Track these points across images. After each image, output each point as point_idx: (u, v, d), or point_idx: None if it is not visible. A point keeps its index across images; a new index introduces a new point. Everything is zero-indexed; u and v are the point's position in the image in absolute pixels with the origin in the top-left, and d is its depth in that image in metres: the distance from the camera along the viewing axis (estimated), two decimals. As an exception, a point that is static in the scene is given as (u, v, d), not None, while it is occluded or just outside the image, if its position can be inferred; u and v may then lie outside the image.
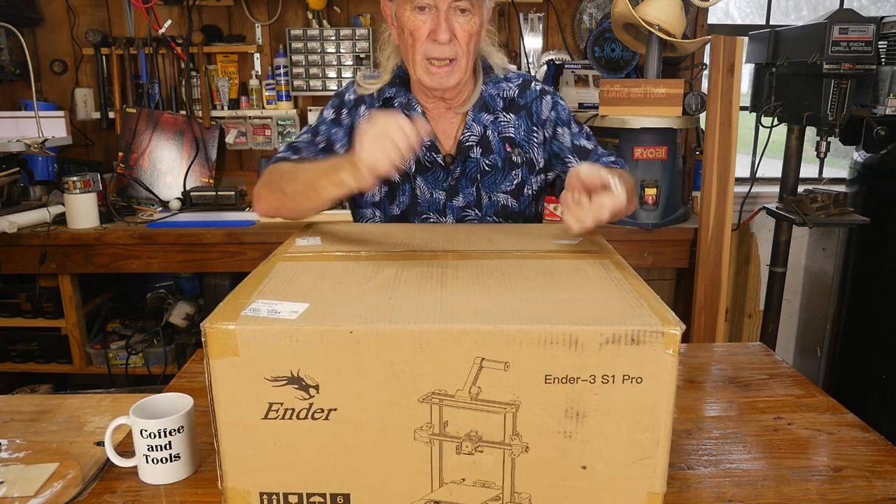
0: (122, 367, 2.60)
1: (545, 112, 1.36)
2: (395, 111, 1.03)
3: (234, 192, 2.74)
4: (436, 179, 1.35)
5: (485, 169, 1.34)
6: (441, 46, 1.20)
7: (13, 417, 1.15)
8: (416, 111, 1.33)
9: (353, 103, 1.36)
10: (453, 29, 1.20)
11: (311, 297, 0.79)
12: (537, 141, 1.36)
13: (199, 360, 1.36)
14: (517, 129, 1.36)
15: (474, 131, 1.33)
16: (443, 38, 1.19)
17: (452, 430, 0.74)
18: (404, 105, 1.34)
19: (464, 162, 1.33)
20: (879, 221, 2.47)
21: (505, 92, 1.36)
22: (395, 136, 0.97)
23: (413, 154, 1.31)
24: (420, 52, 1.22)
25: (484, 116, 1.34)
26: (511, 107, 1.36)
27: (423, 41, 1.21)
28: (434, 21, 1.19)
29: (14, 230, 2.35)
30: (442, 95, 1.31)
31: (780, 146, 2.64)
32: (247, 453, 0.75)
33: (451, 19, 1.19)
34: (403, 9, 1.21)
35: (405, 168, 1.33)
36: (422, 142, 1.04)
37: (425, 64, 1.23)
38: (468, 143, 1.33)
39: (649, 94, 2.39)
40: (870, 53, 2.19)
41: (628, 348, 0.71)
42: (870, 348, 2.63)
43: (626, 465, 0.75)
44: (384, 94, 1.35)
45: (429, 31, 1.20)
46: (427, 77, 1.24)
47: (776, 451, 1.04)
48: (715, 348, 1.48)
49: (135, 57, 2.87)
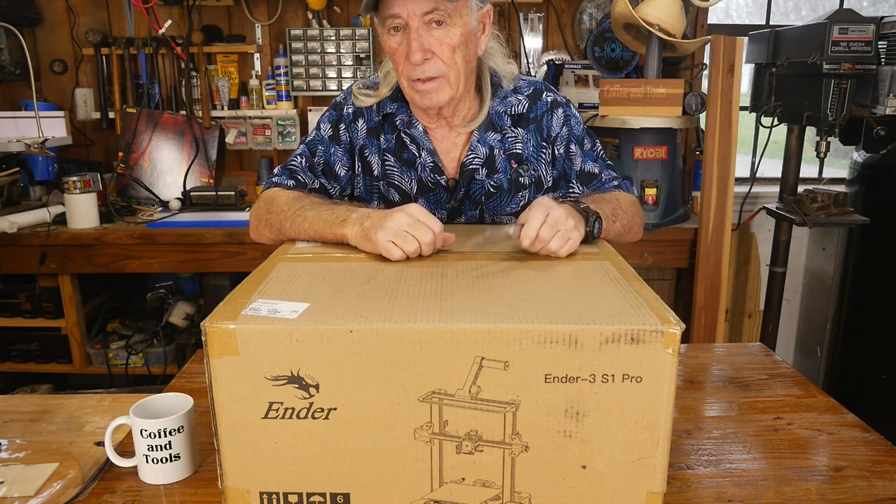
0: (122, 367, 2.60)
1: (556, 127, 1.29)
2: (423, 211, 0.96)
3: (234, 192, 2.74)
4: (438, 200, 1.28)
5: (490, 190, 1.27)
6: (419, 67, 1.13)
7: (13, 417, 1.15)
8: (418, 129, 1.26)
9: (352, 117, 1.29)
10: (429, 45, 1.11)
11: (312, 296, 0.79)
12: (546, 158, 1.29)
13: (199, 360, 1.36)
14: (525, 144, 1.28)
15: (479, 153, 1.26)
16: (415, 59, 1.11)
17: (452, 429, 0.74)
18: (405, 123, 1.26)
19: (468, 184, 1.27)
20: (879, 221, 2.47)
21: (513, 108, 1.27)
22: (420, 237, 0.94)
23: (415, 174, 1.28)
24: (404, 74, 1.16)
25: (490, 136, 1.26)
26: (520, 121, 1.28)
27: (404, 63, 1.14)
28: (407, 41, 1.11)
29: (14, 230, 2.35)
30: (439, 113, 1.24)
31: (780, 146, 2.64)
32: (247, 453, 0.75)
33: (425, 35, 1.11)
34: (382, 31, 1.15)
35: (407, 189, 1.29)
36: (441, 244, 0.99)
37: (411, 84, 1.16)
38: (472, 167, 1.26)
39: (649, 94, 2.39)
40: (870, 53, 2.19)
41: (628, 348, 0.71)
42: (870, 348, 2.63)
43: (625, 464, 0.75)
44: (385, 109, 1.27)
45: (406, 52, 1.12)
46: (416, 96, 1.18)
47: (776, 451, 1.04)
48: (715, 348, 1.48)
49: (135, 57, 2.87)
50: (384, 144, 1.28)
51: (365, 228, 0.98)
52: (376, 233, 0.95)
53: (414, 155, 1.27)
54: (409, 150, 1.27)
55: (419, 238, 0.94)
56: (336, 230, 1.03)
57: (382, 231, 0.94)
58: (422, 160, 1.26)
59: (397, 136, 1.28)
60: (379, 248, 0.94)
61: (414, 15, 1.09)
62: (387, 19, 1.12)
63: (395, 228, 0.94)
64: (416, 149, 1.26)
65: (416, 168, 1.27)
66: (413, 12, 1.09)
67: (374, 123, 1.28)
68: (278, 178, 1.28)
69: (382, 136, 1.28)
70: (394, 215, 0.95)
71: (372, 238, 0.95)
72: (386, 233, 0.94)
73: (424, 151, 1.26)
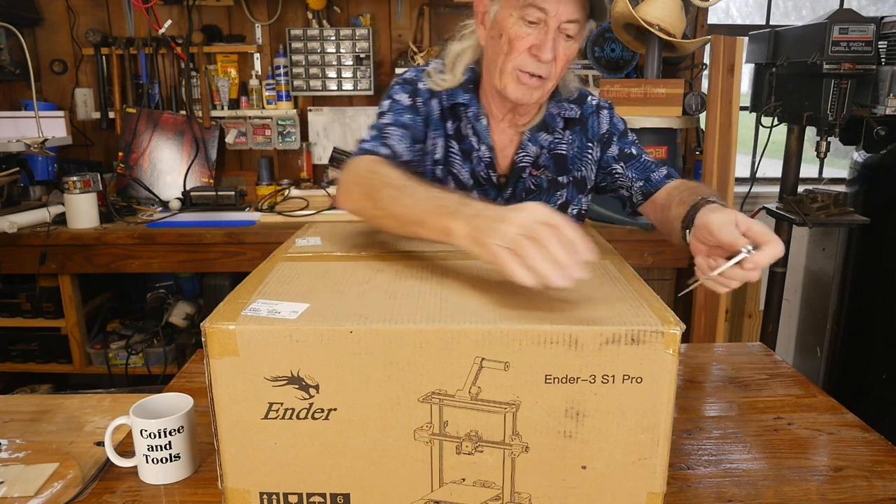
0: (122, 367, 2.60)
1: (603, 126, 1.31)
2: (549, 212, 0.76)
3: (234, 192, 2.74)
4: (486, 196, 1.28)
5: (530, 188, 1.29)
6: (536, 63, 1.14)
7: (13, 417, 1.15)
8: (482, 123, 1.25)
9: (428, 94, 1.26)
10: (557, 52, 1.13)
11: (311, 297, 0.79)
12: (591, 158, 1.31)
13: (199, 360, 1.36)
14: (570, 145, 1.30)
15: (529, 151, 1.27)
16: (546, 57, 1.12)
17: (452, 429, 0.74)
18: (475, 115, 1.25)
19: (515, 182, 1.28)
20: (879, 221, 2.47)
21: (566, 112, 1.29)
22: (555, 253, 0.73)
23: (470, 166, 1.26)
24: (513, 61, 1.15)
25: (542, 136, 1.28)
26: (570, 123, 1.31)
27: (522, 52, 1.14)
28: (540, 37, 1.12)
29: (14, 230, 2.35)
30: (514, 109, 1.24)
31: (780, 146, 2.64)
32: (247, 453, 0.75)
33: (556, 39, 1.12)
34: (508, 14, 1.13)
35: (464, 180, 1.27)
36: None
37: (516, 73, 1.15)
38: (522, 164, 1.27)
39: (649, 94, 2.39)
40: (870, 53, 2.19)
41: (628, 348, 0.71)
42: (870, 348, 2.63)
43: (625, 465, 0.75)
44: (456, 98, 1.25)
45: (530, 45, 1.13)
46: (514, 87, 1.17)
47: (776, 451, 1.04)
48: (715, 348, 1.48)
49: (135, 57, 2.87)
50: (450, 130, 1.28)
51: (476, 228, 0.80)
52: (489, 236, 0.77)
53: (473, 147, 1.27)
54: (469, 142, 1.27)
55: (547, 246, 0.73)
56: (441, 221, 0.85)
57: (497, 235, 0.76)
58: (480, 153, 1.26)
59: (460, 126, 1.27)
60: (493, 255, 0.76)
61: (559, 18, 1.11)
62: (528, 8, 1.11)
63: (512, 233, 0.75)
64: (476, 141, 1.26)
65: (472, 160, 1.27)
66: (560, 15, 1.11)
67: (445, 108, 1.27)
68: (370, 145, 1.19)
69: (449, 122, 1.28)
70: (511, 215, 0.77)
71: (484, 242, 0.78)
72: (501, 238, 0.75)
73: (484, 146, 1.26)
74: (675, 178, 1.28)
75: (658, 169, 1.29)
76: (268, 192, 2.86)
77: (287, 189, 2.89)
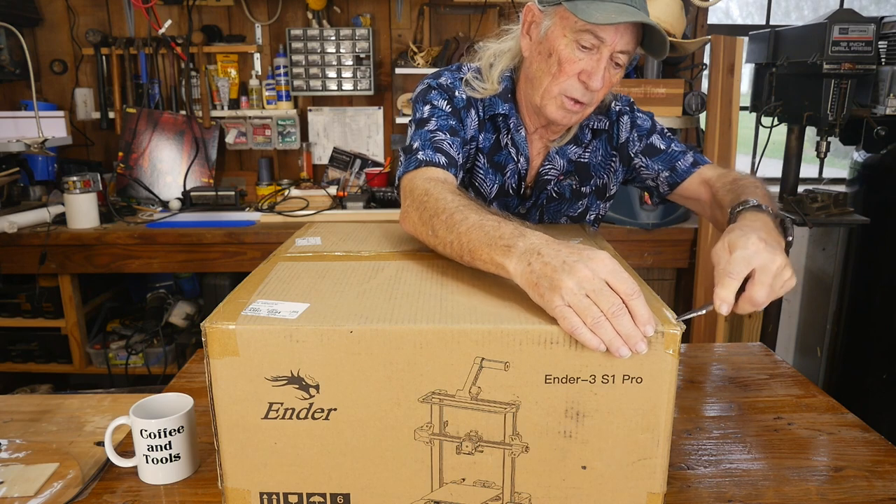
0: (122, 367, 2.61)
1: (624, 134, 1.29)
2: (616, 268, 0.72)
3: (234, 192, 2.74)
4: (507, 205, 1.27)
5: (552, 196, 1.28)
6: (581, 90, 1.11)
7: (13, 417, 1.15)
8: (521, 135, 1.23)
9: (465, 103, 1.21)
10: (605, 80, 1.10)
11: (311, 297, 0.79)
12: (614, 167, 1.31)
13: (199, 360, 1.36)
14: (594, 153, 1.29)
15: (556, 164, 1.26)
16: (595, 86, 1.09)
17: (452, 430, 0.74)
18: (514, 127, 1.22)
19: (538, 194, 1.27)
20: (879, 221, 2.47)
21: (595, 123, 1.28)
22: (621, 327, 0.69)
23: (500, 179, 1.24)
24: (560, 85, 1.11)
25: (570, 149, 1.26)
26: (596, 134, 1.30)
27: (572, 77, 1.10)
28: (591, 64, 1.09)
29: (14, 230, 2.35)
30: (548, 126, 1.22)
31: (780, 146, 2.64)
32: (247, 453, 0.75)
33: (607, 67, 1.10)
34: (561, 34, 1.09)
35: (485, 193, 1.25)
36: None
37: (561, 98, 1.12)
38: (547, 177, 1.26)
39: (649, 94, 2.39)
40: (870, 53, 2.19)
41: (628, 348, 0.70)
42: (870, 348, 2.63)
43: (626, 465, 0.75)
44: (496, 109, 1.22)
45: (581, 70, 1.09)
46: (555, 109, 1.14)
47: (776, 451, 1.04)
48: (715, 348, 1.48)
49: (135, 57, 2.87)
50: (482, 143, 1.25)
51: (534, 272, 0.75)
52: (551, 290, 0.72)
53: (509, 159, 1.25)
54: (504, 154, 1.25)
55: (613, 319, 0.69)
56: (495, 255, 0.81)
57: (559, 292, 0.71)
58: (518, 165, 1.24)
59: (497, 137, 1.25)
60: (554, 312, 0.71)
61: (614, 47, 1.08)
62: (585, 34, 1.07)
63: (575, 292, 0.70)
64: (514, 153, 1.24)
65: (505, 173, 1.25)
66: (615, 45, 1.08)
67: (482, 118, 1.24)
68: (424, 154, 1.10)
69: (483, 135, 1.25)
70: (575, 266, 0.72)
71: (544, 294, 0.73)
72: (565, 295, 0.71)
73: (522, 157, 1.24)
74: (703, 164, 1.26)
75: (684, 157, 1.27)
76: (268, 192, 2.86)
77: (287, 189, 2.89)
